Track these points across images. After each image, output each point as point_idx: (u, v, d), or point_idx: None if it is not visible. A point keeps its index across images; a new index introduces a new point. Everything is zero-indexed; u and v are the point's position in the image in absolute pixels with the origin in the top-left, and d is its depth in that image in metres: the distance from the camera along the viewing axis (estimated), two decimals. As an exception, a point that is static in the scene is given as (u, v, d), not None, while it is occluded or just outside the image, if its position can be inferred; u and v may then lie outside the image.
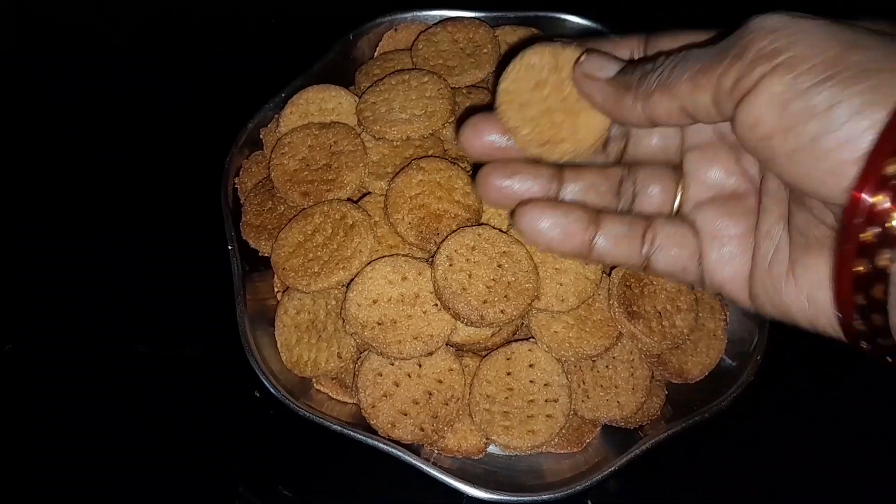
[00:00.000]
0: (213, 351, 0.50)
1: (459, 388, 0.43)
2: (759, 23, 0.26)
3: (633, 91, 0.30)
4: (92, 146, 0.62)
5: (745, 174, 0.33)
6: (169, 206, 0.58)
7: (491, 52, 0.52)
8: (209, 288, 0.50)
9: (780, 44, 0.25)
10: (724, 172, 0.33)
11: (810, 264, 0.28)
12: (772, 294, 0.30)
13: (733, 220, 0.32)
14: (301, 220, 0.45)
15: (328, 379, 0.45)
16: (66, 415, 0.49)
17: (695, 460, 0.47)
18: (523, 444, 0.41)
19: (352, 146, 0.47)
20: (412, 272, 0.43)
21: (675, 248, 0.33)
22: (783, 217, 0.30)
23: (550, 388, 0.43)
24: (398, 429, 0.41)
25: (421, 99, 0.48)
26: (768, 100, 0.25)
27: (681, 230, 0.33)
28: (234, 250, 0.46)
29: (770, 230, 0.31)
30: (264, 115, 0.52)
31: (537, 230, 0.33)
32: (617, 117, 0.31)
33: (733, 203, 0.33)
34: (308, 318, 0.45)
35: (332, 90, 0.51)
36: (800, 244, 0.29)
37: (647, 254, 0.33)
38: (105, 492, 0.46)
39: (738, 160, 0.33)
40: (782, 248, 0.30)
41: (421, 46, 0.52)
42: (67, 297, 0.54)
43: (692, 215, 0.33)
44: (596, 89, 0.31)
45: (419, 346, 0.41)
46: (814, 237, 0.28)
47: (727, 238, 0.32)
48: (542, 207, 0.34)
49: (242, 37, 0.70)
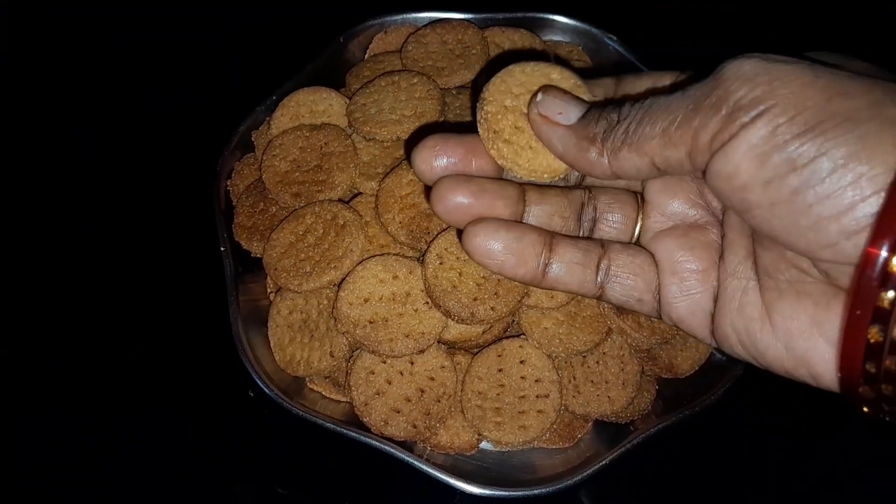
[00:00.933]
0: (207, 351, 0.50)
1: (451, 385, 0.43)
2: (735, 70, 0.25)
3: (597, 144, 0.28)
4: (83, 148, 0.62)
5: (707, 206, 0.32)
6: (161, 209, 0.58)
7: (480, 52, 0.52)
8: (202, 289, 0.50)
9: (759, 93, 0.24)
10: (686, 204, 0.32)
11: (787, 312, 0.27)
12: (744, 337, 0.29)
13: (694, 253, 0.31)
14: (292, 220, 0.45)
15: (321, 378, 0.45)
16: (57, 416, 0.49)
17: (686, 454, 0.47)
18: (515, 440, 0.42)
19: (342, 147, 0.48)
20: (403, 271, 0.43)
21: (631, 278, 0.32)
22: (749, 254, 0.29)
23: (541, 383, 0.43)
24: (391, 426, 0.42)
25: (410, 100, 0.48)
26: (747, 151, 0.24)
27: (637, 259, 0.32)
28: (226, 251, 0.46)
29: (736, 269, 0.29)
30: (255, 118, 0.52)
31: (488, 251, 0.31)
32: (578, 169, 0.30)
33: (694, 235, 0.31)
34: (300, 317, 0.45)
35: (323, 92, 0.51)
36: (771, 288, 0.28)
37: (602, 283, 0.32)
38: (99, 492, 0.46)
39: (700, 192, 0.32)
40: (751, 290, 0.29)
41: (410, 48, 0.53)
42: (58, 298, 0.54)
43: (652, 245, 0.32)
44: (555, 137, 0.29)
45: (411, 344, 0.41)
46: (785, 281, 0.27)
47: (687, 273, 0.31)
48: (496, 227, 0.31)
49: (233, 40, 0.71)
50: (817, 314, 0.26)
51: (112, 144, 0.62)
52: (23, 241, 0.57)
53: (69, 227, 0.58)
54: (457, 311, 0.41)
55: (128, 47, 0.70)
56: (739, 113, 0.24)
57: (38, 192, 0.60)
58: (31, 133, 0.64)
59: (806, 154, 0.23)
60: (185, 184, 0.57)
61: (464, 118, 0.49)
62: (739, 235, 0.30)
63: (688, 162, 0.27)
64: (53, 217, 0.59)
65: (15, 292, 0.55)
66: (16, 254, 0.57)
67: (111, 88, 0.66)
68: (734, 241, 0.30)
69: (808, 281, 0.27)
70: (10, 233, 0.58)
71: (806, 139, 0.23)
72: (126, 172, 0.60)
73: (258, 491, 0.46)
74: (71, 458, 0.48)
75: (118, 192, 0.60)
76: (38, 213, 0.59)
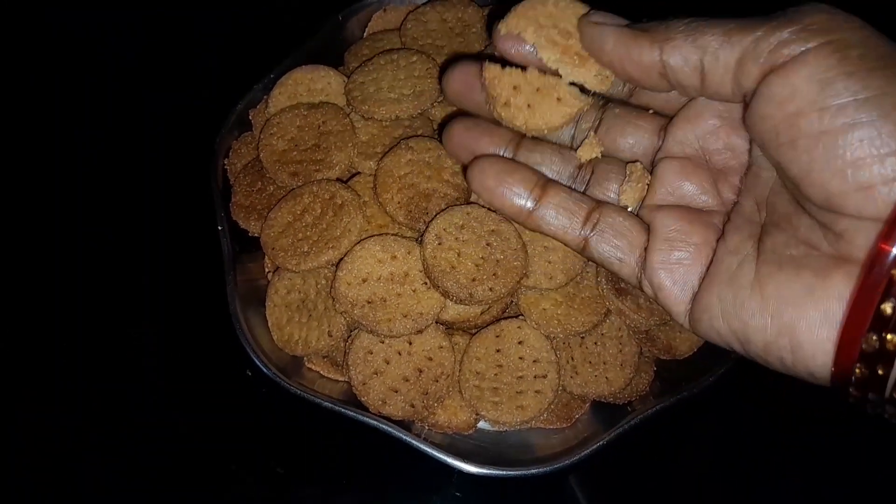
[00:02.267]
0: (205, 331, 0.50)
1: (449, 365, 0.43)
2: (812, 5, 0.25)
3: (650, 33, 0.28)
4: (79, 128, 0.62)
5: (719, 196, 0.32)
6: (159, 188, 0.58)
7: (480, 31, 0.51)
8: (200, 268, 0.50)
9: (834, 24, 0.24)
10: (698, 189, 0.32)
11: (782, 281, 0.27)
12: (728, 306, 0.28)
13: (692, 227, 0.31)
14: (290, 200, 0.45)
15: (319, 357, 0.45)
16: (56, 396, 0.49)
17: (684, 435, 0.48)
18: (512, 420, 0.42)
19: (340, 126, 0.47)
20: (401, 251, 0.43)
21: (617, 237, 0.32)
22: (753, 237, 0.29)
23: (539, 364, 0.43)
24: (389, 405, 0.42)
25: (409, 78, 0.48)
26: (812, 74, 0.23)
27: (628, 222, 0.32)
28: (223, 231, 0.46)
29: (738, 247, 0.29)
30: (253, 96, 0.52)
31: (484, 183, 0.34)
32: (625, 64, 0.29)
33: (697, 215, 0.31)
34: (298, 297, 0.45)
35: (321, 70, 0.51)
36: (771, 262, 0.28)
37: (587, 235, 0.33)
38: (96, 472, 0.47)
39: (715, 182, 0.32)
40: (747, 263, 0.29)
41: (409, 26, 0.52)
42: (56, 277, 0.54)
43: (650, 215, 0.32)
44: (610, 32, 0.29)
45: (409, 324, 0.41)
46: (789, 256, 0.27)
47: (681, 243, 0.31)
48: (492, 162, 0.34)
49: (231, 17, 0.70)
50: (814, 283, 0.26)
51: (108, 125, 0.62)
52: (16, 220, 0.57)
53: (67, 206, 0.58)
54: (455, 291, 0.41)
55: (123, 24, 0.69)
56: (810, 32, 0.24)
57: (33, 171, 0.60)
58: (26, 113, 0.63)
59: (871, 87, 0.23)
60: (182, 163, 0.57)
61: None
62: (747, 222, 0.30)
63: (734, 71, 0.26)
64: (52, 197, 0.58)
65: (9, 271, 0.55)
66: (8, 233, 0.56)
67: (108, 66, 0.65)
68: (740, 225, 0.30)
69: (814, 255, 0.27)
70: (5, 212, 0.58)
71: (875, 74, 0.23)
72: (123, 152, 0.60)
73: (256, 469, 0.46)
74: (65, 437, 0.48)
75: (115, 171, 0.59)
76: (34, 191, 0.59)
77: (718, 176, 0.32)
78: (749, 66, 0.25)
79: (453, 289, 0.41)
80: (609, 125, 0.35)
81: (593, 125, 0.35)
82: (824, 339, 0.25)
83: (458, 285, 0.41)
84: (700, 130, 0.32)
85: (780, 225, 0.28)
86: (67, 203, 0.58)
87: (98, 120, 0.62)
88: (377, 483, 0.46)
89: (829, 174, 0.24)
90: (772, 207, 0.29)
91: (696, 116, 0.32)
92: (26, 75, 0.65)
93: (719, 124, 0.31)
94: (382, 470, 0.46)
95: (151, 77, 0.64)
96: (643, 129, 0.34)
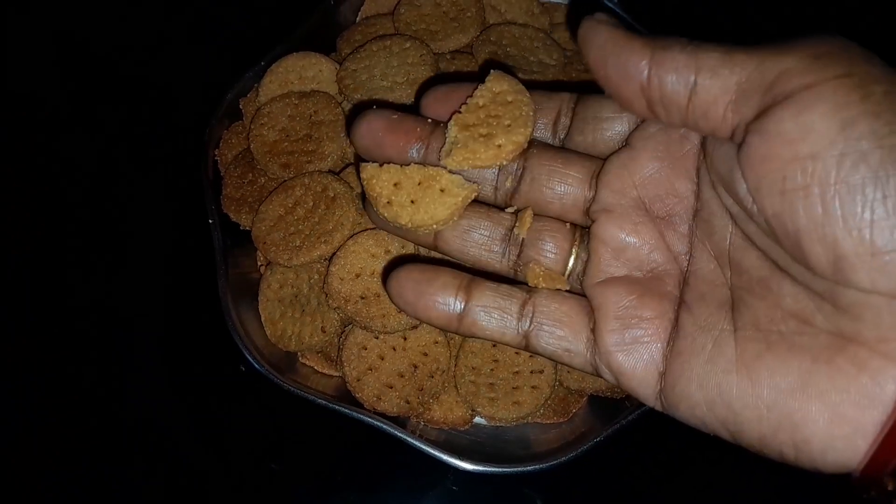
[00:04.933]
0: (198, 325, 0.49)
1: (444, 361, 0.42)
2: (824, 35, 0.22)
3: (645, 39, 0.25)
4: (65, 118, 0.60)
5: (670, 250, 0.28)
6: (148, 179, 0.57)
7: (475, 15, 0.50)
8: (192, 262, 0.49)
9: (853, 55, 0.21)
10: (645, 245, 0.28)
11: (776, 367, 0.23)
12: (713, 395, 0.25)
13: (645, 301, 0.27)
14: (281, 192, 0.44)
15: (313, 352, 0.45)
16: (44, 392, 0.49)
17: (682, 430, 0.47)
18: (508, 416, 0.41)
19: (332, 115, 0.46)
20: (395, 245, 0.42)
21: (558, 326, 0.29)
22: (723, 306, 0.26)
23: (536, 359, 0.42)
24: (384, 402, 0.41)
25: (403, 66, 0.46)
26: (831, 110, 0.20)
27: (566, 306, 0.29)
28: (214, 224, 0.45)
29: (708, 321, 0.26)
30: (244, 84, 0.50)
31: (400, 295, 0.30)
32: (610, 63, 0.25)
33: (648, 283, 0.28)
34: (291, 291, 0.44)
35: (313, 58, 0.50)
36: (754, 339, 0.24)
37: (526, 331, 0.30)
38: (91, 471, 0.46)
39: (662, 234, 0.28)
40: (725, 343, 0.25)
41: (403, 10, 0.51)
42: (43, 273, 0.53)
43: (595, 289, 0.29)
44: (604, 29, 0.26)
45: (403, 320, 0.41)
46: (777, 333, 0.24)
47: (635, 319, 0.27)
48: (409, 270, 0.31)
49: (220, 3, 0.68)
50: (814, 371, 0.23)
51: (95, 114, 0.60)
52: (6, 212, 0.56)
53: (53, 201, 0.56)
54: (450, 286, 0.40)
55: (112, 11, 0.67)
56: (826, 64, 0.21)
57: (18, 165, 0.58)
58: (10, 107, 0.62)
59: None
60: (172, 153, 0.56)
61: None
62: (711, 285, 0.26)
63: (733, 96, 0.22)
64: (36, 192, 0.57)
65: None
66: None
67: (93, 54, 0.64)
68: (704, 291, 0.26)
69: (808, 333, 0.23)
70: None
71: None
72: (111, 143, 0.59)
73: (251, 466, 0.46)
74: (58, 438, 0.47)
75: (103, 163, 0.58)
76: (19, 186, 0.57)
77: (664, 226, 0.28)
78: (752, 92, 0.22)
79: (448, 283, 0.40)
80: (533, 175, 0.31)
81: (515, 174, 0.32)
82: (837, 438, 0.22)
83: (453, 280, 0.40)
84: (638, 177, 0.28)
85: (755, 291, 0.25)
86: (53, 198, 0.56)
87: (82, 108, 0.61)
88: (373, 479, 0.46)
89: (844, 232, 0.20)
90: (738, 267, 0.26)
91: (631, 161, 0.29)
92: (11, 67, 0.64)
93: (659, 167, 0.28)
94: (378, 465, 0.46)
95: (139, 65, 0.62)
96: (572, 179, 0.30)
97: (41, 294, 0.52)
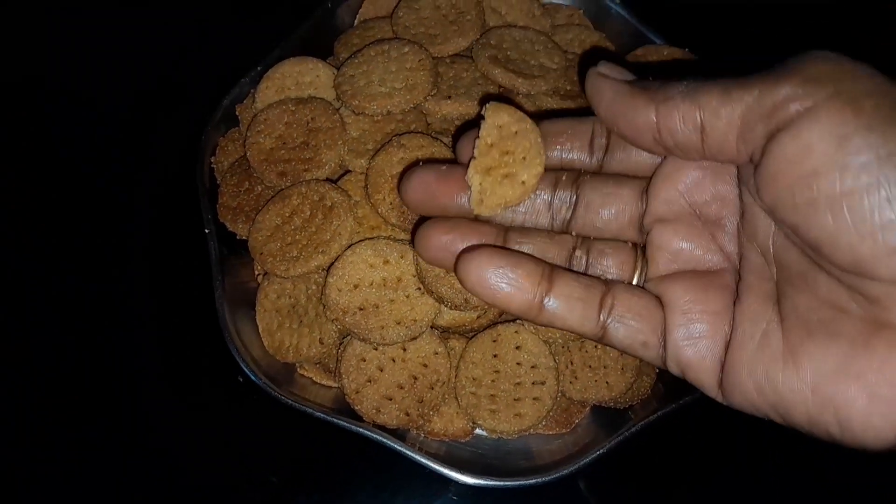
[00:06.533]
0: (196, 336, 0.49)
1: (445, 372, 0.42)
2: (815, 53, 0.24)
3: (649, 93, 0.27)
4: (61, 125, 0.60)
5: (722, 251, 0.30)
6: (144, 188, 0.56)
7: (475, 18, 0.49)
8: (189, 272, 0.49)
9: (841, 72, 0.23)
10: (699, 248, 0.30)
11: (816, 353, 0.25)
12: (763, 382, 0.26)
13: (706, 294, 0.29)
14: (278, 201, 0.43)
15: (311, 363, 0.44)
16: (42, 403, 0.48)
17: (686, 441, 0.46)
18: (510, 429, 0.41)
19: (330, 122, 0.45)
20: (394, 255, 0.41)
21: (636, 318, 0.30)
22: (770, 297, 0.27)
23: (537, 370, 0.42)
24: (383, 414, 0.41)
25: (401, 71, 0.46)
26: (828, 130, 0.22)
27: (643, 300, 0.30)
28: (211, 233, 0.45)
29: (757, 312, 0.27)
30: (240, 91, 0.50)
31: (479, 279, 0.30)
32: (619, 123, 0.28)
33: (707, 279, 0.29)
34: (289, 302, 0.44)
35: (310, 63, 0.49)
36: (798, 328, 0.26)
37: (604, 323, 0.30)
38: (87, 480, 0.46)
39: (713, 236, 0.30)
40: (773, 332, 0.27)
41: (401, 14, 0.50)
42: (39, 282, 0.53)
43: (658, 288, 0.30)
44: (608, 86, 0.29)
45: (402, 332, 0.40)
46: (817, 321, 0.25)
47: (698, 314, 0.29)
48: (490, 254, 0.30)
49: (216, 7, 0.67)
50: (852, 354, 0.24)
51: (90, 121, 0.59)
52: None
53: (48, 208, 0.56)
54: (450, 296, 0.39)
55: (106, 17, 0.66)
56: (816, 85, 0.22)
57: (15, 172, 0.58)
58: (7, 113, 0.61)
59: (895, 141, 0.21)
60: (168, 161, 0.55)
61: (457, 90, 0.46)
62: (759, 279, 0.28)
63: (738, 129, 0.24)
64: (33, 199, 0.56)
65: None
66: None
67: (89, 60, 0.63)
68: (753, 284, 0.28)
69: (844, 320, 0.25)
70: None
71: (892, 131, 0.21)
72: (106, 150, 0.58)
73: (248, 478, 0.46)
74: (56, 446, 0.47)
75: (99, 171, 0.57)
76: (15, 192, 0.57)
77: (714, 229, 0.30)
78: (754, 123, 0.24)
79: (448, 294, 0.39)
80: (588, 200, 0.32)
81: (570, 202, 0.33)
82: (875, 416, 0.24)
83: (453, 290, 0.39)
84: (683, 185, 0.30)
85: (796, 284, 0.26)
86: (48, 205, 0.56)
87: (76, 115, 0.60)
88: (373, 491, 0.45)
89: (858, 237, 0.22)
90: (781, 264, 0.27)
91: (675, 171, 0.30)
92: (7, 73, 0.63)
93: (701, 174, 0.30)
94: (378, 477, 0.45)
95: (134, 71, 0.61)
96: (624, 197, 0.32)
97: (38, 302, 0.52)
